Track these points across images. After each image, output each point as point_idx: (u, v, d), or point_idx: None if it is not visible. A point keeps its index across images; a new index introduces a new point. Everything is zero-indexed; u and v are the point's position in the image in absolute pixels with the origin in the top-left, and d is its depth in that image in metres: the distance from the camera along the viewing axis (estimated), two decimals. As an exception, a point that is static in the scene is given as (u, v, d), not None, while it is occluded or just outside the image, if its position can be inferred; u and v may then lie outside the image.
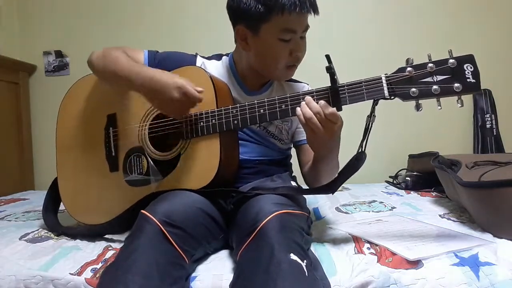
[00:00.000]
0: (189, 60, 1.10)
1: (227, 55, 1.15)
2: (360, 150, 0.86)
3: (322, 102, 0.84)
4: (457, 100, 0.79)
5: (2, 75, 1.96)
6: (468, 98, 1.99)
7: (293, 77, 1.15)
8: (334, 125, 0.84)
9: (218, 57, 1.15)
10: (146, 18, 2.08)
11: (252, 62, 1.06)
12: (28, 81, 2.14)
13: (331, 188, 0.89)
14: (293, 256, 0.70)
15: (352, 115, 1.02)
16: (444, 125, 1.98)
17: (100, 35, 2.10)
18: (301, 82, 1.19)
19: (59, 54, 2.13)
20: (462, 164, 1.24)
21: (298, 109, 0.86)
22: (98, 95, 1.12)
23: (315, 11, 0.98)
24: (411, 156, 1.83)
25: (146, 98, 0.95)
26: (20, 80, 2.07)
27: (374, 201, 1.41)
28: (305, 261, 0.72)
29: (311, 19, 1.00)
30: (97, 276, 0.82)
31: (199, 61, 1.11)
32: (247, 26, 1.00)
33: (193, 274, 0.81)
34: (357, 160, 0.86)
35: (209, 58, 1.14)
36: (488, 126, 1.95)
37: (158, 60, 1.07)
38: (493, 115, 1.95)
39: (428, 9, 1.98)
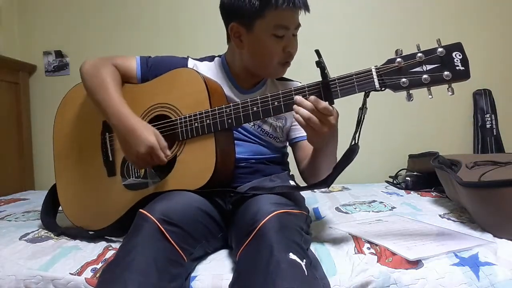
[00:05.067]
0: (181, 63, 1.10)
1: (219, 56, 1.15)
2: (353, 143, 0.86)
3: (312, 97, 0.84)
4: (447, 88, 0.79)
5: (2, 75, 1.96)
6: (468, 98, 1.99)
7: (286, 76, 1.16)
8: (331, 117, 0.84)
9: (210, 58, 1.15)
10: (145, 18, 2.08)
11: (246, 61, 1.06)
12: (28, 81, 2.14)
13: (326, 182, 0.89)
14: (292, 256, 0.70)
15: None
16: (444, 125, 1.99)
17: (100, 35, 2.10)
18: (293, 81, 1.19)
19: (59, 54, 2.13)
20: (462, 164, 1.24)
21: (294, 113, 0.86)
22: None
23: (306, 8, 1.01)
24: (411, 156, 1.83)
25: (115, 135, 0.97)
26: (20, 80, 2.07)
27: (374, 201, 1.41)
28: (304, 260, 0.72)
29: (310, 19, 1.00)
30: (97, 276, 0.82)
31: (191, 63, 1.11)
32: (241, 23, 1.00)
33: (193, 274, 0.81)
34: (351, 152, 0.86)
35: (201, 59, 1.15)
36: (488, 126, 1.95)
37: (151, 65, 1.08)
38: (493, 115, 1.95)
39: (428, 9, 1.98)
